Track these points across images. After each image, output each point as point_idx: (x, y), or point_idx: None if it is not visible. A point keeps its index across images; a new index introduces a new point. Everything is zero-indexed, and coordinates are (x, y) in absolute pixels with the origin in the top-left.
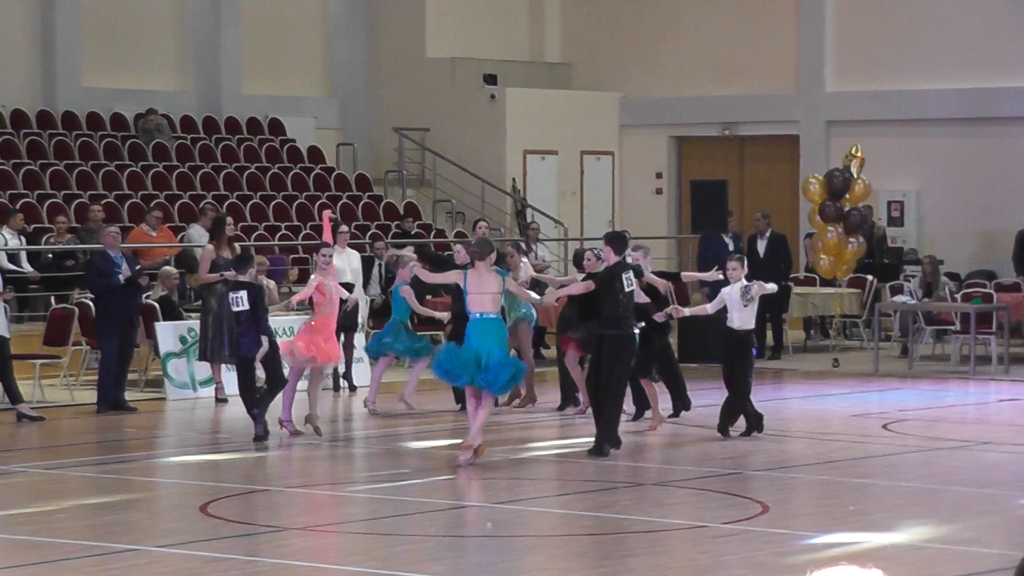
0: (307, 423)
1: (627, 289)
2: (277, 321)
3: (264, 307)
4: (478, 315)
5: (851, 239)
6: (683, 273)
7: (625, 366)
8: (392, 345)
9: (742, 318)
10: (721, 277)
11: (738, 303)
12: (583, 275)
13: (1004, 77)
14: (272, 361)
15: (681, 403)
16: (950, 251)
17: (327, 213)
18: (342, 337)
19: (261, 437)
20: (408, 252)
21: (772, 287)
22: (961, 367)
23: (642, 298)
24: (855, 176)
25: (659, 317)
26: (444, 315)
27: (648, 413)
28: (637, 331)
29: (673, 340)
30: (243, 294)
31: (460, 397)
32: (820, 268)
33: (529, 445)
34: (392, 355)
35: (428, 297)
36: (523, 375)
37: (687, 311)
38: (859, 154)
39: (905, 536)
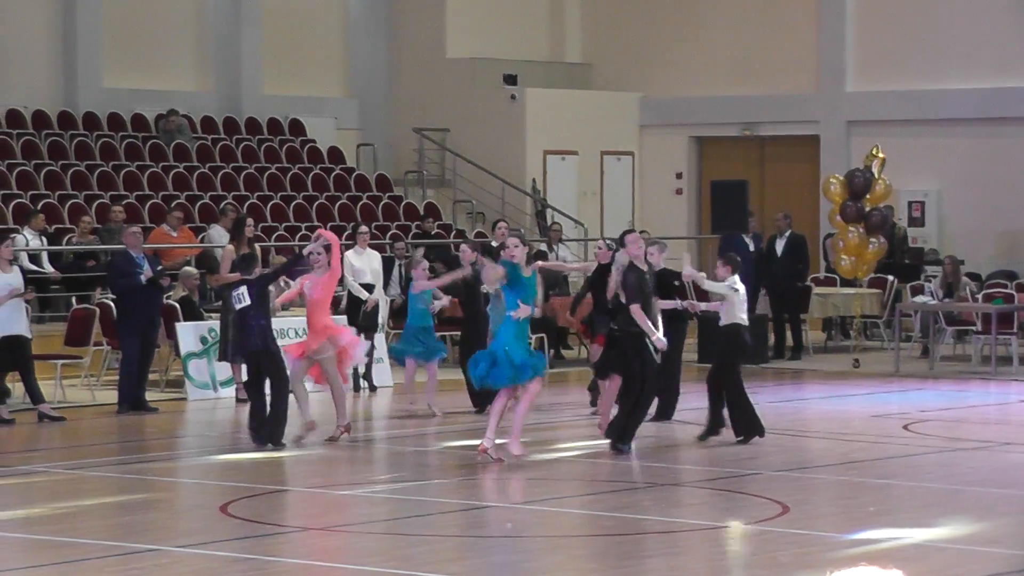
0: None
1: None
2: (279, 322)
3: (266, 290)
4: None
5: (872, 239)
6: (684, 271)
7: (640, 363)
8: (411, 351)
9: (722, 315)
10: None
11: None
12: (595, 264)
13: None
14: (274, 361)
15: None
16: (971, 251)
17: (315, 247)
18: (361, 337)
19: (284, 441)
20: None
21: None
22: (982, 367)
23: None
24: (876, 176)
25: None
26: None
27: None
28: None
29: (692, 341)
30: (243, 290)
31: (476, 401)
32: (841, 268)
33: (549, 446)
34: (414, 360)
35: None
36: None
37: (703, 306)
38: (880, 154)
39: (926, 537)
